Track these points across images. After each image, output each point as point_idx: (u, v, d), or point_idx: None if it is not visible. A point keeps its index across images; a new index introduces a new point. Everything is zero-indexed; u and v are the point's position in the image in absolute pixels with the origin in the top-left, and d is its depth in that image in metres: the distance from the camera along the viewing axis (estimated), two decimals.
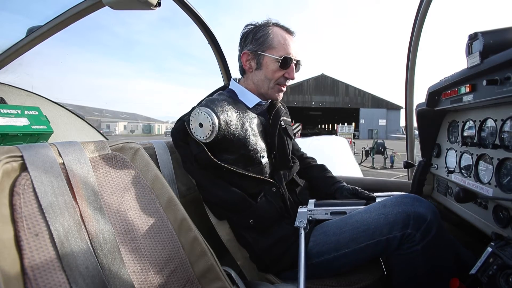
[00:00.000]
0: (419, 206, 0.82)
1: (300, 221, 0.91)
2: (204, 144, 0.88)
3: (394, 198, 0.88)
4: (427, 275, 0.82)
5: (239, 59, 1.08)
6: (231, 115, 0.91)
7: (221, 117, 0.87)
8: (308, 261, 0.91)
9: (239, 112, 0.97)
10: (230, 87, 1.11)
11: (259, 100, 1.07)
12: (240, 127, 0.94)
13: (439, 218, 0.82)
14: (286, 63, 1.01)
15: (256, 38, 1.03)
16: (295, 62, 1.05)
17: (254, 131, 0.98)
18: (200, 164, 0.92)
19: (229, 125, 0.89)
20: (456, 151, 1.07)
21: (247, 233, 0.94)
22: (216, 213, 0.98)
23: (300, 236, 0.87)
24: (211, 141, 0.87)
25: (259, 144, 0.98)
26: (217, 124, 0.85)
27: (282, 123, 1.08)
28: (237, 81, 1.11)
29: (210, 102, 0.91)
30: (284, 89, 1.09)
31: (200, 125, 0.86)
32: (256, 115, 1.03)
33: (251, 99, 1.06)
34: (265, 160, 0.99)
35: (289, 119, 1.22)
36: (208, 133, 0.85)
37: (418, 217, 0.80)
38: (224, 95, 1.01)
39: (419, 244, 0.80)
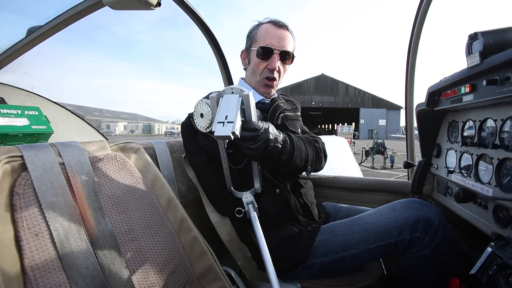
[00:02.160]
0: (427, 210, 0.86)
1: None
2: (201, 136, 0.92)
3: (403, 202, 0.91)
4: (438, 278, 0.85)
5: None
6: None
7: None
8: (314, 260, 0.92)
9: None
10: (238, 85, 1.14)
11: (260, 98, 1.08)
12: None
13: (445, 222, 0.86)
14: (262, 53, 1.01)
15: (248, 36, 1.09)
16: (278, 51, 1.01)
17: None
18: (208, 155, 0.95)
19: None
20: (456, 151, 1.07)
21: (250, 229, 0.94)
22: (220, 207, 0.98)
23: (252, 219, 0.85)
24: (210, 131, 0.88)
25: None
26: None
27: (279, 120, 1.07)
28: (243, 79, 1.15)
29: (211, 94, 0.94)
30: (271, 83, 1.05)
31: (201, 115, 0.89)
32: (258, 111, 1.04)
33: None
34: None
35: (298, 113, 1.19)
36: (208, 122, 0.87)
37: (426, 221, 0.84)
38: None
39: (428, 247, 0.83)
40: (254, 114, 0.82)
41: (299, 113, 1.21)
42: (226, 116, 0.71)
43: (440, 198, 1.23)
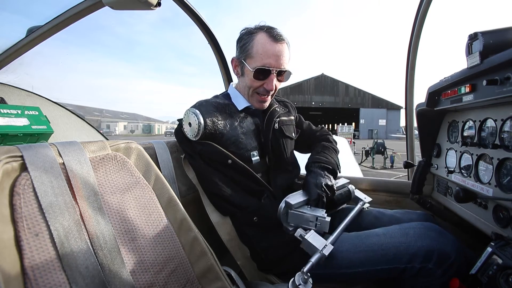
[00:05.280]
0: (444, 243, 0.80)
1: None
2: (196, 141, 0.94)
3: (418, 228, 0.85)
4: None
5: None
6: (218, 115, 0.96)
7: (207, 116, 0.92)
8: (315, 270, 0.91)
9: (229, 113, 1.01)
10: (227, 91, 1.15)
11: (249, 104, 1.07)
12: (229, 126, 0.97)
13: (462, 255, 0.80)
14: (260, 74, 0.98)
15: (240, 45, 1.03)
16: (275, 72, 0.98)
17: (243, 130, 1.00)
18: (204, 159, 0.96)
19: (215, 123, 0.94)
20: (456, 151, 1.07)
21: (250, 230, 0.94)
22: (221, 207, 0.99)
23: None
24: (199, 139, 0.93)
25: (250, 142, 1.01)
26: (202, 123, 0.91)
27: (276, 125, 1.07)
28: (234, 85, 1.14)
29: (198, 103, 0.98)
30: (265, 99, 1.04)
31: (189, 124, 0.93)
32: (248, 115, 1.05)
33: (241, 103, 1.08)
34: (256, 159, 1.01)
35: (292, 117, 1.20)
36: (195, 132, 0.92)
37: (442, 254, 0.78)
38: (218, 98, 1.07)
39: (438, 280, 0.78)
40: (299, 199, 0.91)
41: (293, 117, 1.22)
42: (317, 218, 0.84)
43: (440, 198, 1.23)
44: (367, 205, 1.06)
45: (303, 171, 1.29)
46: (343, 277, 0.89)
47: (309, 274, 0.73)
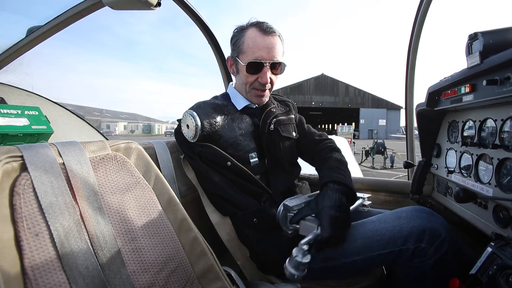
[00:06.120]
0: (434, 221, 0.83)
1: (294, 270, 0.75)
2: (195, 143, 0.94)
3: (409, 211, 0.88)
4: (436, 286, 0.83)
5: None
6: (215, 117, 0.96)
7: (204, 118, 0.93)
8: (314, 264, 0.91)
9: (228, 114, 1.01)
10: (227, 91, 1.15)
11: (248, 103, 1.07)
12: (227, 127, 0.98)
13: (452, 234, 0.83)
14: (252, 68, 0.98)
15: (233, 43, 1.04)
16: (268, 64, 0.98)
17: (242, 131, 1.00)
18: (204, 160, 0.96)
19: (213, 126, 0.94)
20: (456, 151, 1.07)
21: (249, 231, 0.94)
22: (221, 208, 0.99)
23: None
24: (198, 141, 0.93)
25: (248, 144, 1.00)
26: (199, 125, 0.91)
27: (272, 126, 1.06)
28: (233, 85, 1.14)
29: (196, 105, 0.98)
30: (262, 93, 1.04)
31: (187, 126, 0.94)
32: (247, 116, 1.05)
33: (240, 102, 1.08)
34: (254, 161, 1.01)
35: (291, 116, 1.18)
36: (193, 134, 0.92)
37: (433, 232, 0.81)
38: (217, 99, 1.07)
39: (431, 258, 0.80)
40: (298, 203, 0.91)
41: (293, 116, 1.19)
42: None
43: (440, 198, 1.23)
44: (367, 202, 1.05)
45: (303, 172, 1.29)
46: (343, 268, 0.89)
47: (305, 248, 0.75)
